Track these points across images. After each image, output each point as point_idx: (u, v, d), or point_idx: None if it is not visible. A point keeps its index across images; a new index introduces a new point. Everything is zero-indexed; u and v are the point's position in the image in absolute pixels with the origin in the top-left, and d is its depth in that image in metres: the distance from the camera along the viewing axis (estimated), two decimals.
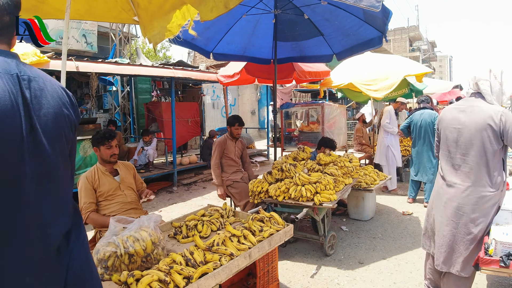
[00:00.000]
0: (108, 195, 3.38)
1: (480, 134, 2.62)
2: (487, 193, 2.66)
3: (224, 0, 2.45)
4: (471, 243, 2.70)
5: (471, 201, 2.68)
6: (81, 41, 11.60)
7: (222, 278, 2.28)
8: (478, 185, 2.67)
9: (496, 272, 2.99)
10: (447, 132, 2.82)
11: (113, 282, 2.16)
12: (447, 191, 2.81)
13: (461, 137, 2.73)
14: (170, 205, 6.89)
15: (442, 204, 2.83)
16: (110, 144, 3.39)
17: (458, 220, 2.73)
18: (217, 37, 5.56)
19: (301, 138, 7.71)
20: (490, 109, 2.63)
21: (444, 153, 2.88)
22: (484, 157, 2.64)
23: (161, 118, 8.93)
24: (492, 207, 2.68)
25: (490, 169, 2.65)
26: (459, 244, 2.73)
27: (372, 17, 4.33)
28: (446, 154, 2.84)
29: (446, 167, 2.85)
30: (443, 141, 2.88)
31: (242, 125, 5.09)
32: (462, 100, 2.85)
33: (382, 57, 7.43)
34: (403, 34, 44.19)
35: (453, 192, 2.76)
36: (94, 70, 6.52)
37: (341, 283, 3.65)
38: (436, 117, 6.00)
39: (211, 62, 15.53)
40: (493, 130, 2.58)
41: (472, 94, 2.80)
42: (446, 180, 2.83)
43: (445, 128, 2.86)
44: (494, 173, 2.65)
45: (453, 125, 2.79)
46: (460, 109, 2.78)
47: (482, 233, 2.70)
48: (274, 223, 3.10)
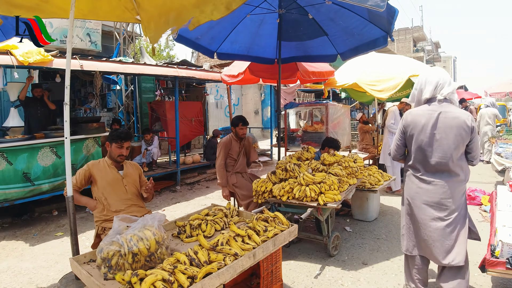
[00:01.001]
0: (109, 186, 3.46)
1: (456, 136, 2.85)
2: (461, 185, 2.95)
3: (226, 2, 2.44)
4: (458, 232, 2.90)
5: (451, 195, 2.90)
6: (85, 40, 11.62)
7: (226, 278, 2.26)
8: (455, 180, 2.92)
9: (503, 274, 2.97)
10: (422, 136, 2.94)
11: (117, 281, 2.15)
12: (427, 189, 2.97)
13: (438, 139, 2.89)
14: (173, 204, 6.88)
15: (423, 203, 2.98)
16: (122, 144, 3.49)
17: (443, 214, 2.91)
18: (221, 37, 5.55)
19: (305, 138, 7.69)
20: (463, 114, 2.89)
21: (418, 155, 3.00)
22: (458, 155, 2.89)
23: (164, 117, 8.94)
24: (464, 195, 3.00)
25: (463, 164, 2.94)
26: (450, 237, 2.89)
27: (377, 17, 4.30)
28: (421, 155, 2.98)
29: (422, 167, 3.00)
30: (417, 143, 2.98)
31: (246, 125, 5.06)
32: (432, 106, 2.96)
33: (387, 57, 7.39)
34: (407, 35, 44.00)
35: (433, 189, 2.94)
36: (98, 68, 6.52)
37: (345, 284, 3.63)
38: None
39: (215, 62, 15.55)
40: (466, 132, 2.85)
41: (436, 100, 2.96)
42: (424, 179, 2.99)
43: (419, 132, 2.96)
44: (465, 167, 2.96)
45: (428, 129, 2.91)
46: (431, 114, 2.92)
47: (466, 219, 2.98)
48: (279, 223, 3.08)
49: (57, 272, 4.02)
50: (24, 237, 5.14)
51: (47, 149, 5.66)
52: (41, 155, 5.59)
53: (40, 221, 5.82)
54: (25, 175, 5.39)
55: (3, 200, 5.21)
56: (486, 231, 4.91)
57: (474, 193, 6.37)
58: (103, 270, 2.29)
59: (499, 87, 14.88)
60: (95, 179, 3.46)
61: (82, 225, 5.44)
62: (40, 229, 5.44)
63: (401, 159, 3.24)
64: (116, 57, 10.85)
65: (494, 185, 7.45)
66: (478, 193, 6.38)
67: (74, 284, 3.21)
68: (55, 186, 5.81)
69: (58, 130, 5.97)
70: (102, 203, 3.45)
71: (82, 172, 3.44)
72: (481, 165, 10.50)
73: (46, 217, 5.99)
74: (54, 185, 5.78)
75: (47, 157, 5.67)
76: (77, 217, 3.38)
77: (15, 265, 4.23)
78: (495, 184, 7.59)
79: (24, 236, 5.16)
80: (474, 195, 6.33)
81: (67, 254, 4.46)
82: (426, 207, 2.96)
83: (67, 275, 3.47)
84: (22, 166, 5.37)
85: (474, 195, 6.33)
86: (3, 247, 4.79)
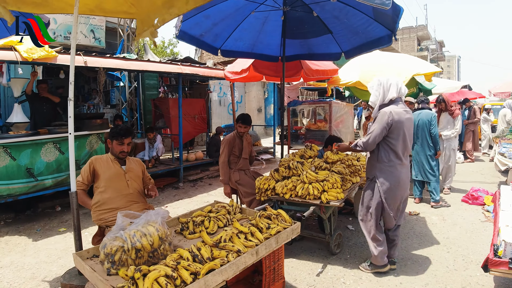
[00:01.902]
0: (111, 180, 3.48)
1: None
2: None
3: None
4: None
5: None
6: (89, 36, 11.62)
7: (229, 274, 2.27)
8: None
9: (505, 274, 2.97)
10: (405, 129, 3.56)
11: (120, 276, 2.15)
12: (405, 170, 3.68)
13: (411, 131, 3.71)
14: (176, 201, 6.90)
15: (404, 181, 3.67)
16: (122, 141, 3.51)
17: (408, 187, 3.79)
18: (225, 34, 5.55)
19: (308, 136, 7.67)
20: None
21: (400, 143, 3.58)
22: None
23: (168, 114, 8.94)
24: None
25: None
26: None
27: (382, 15, 4.28)
28: (402, 144, 3.59)
29: (401, 153, 3.61)
30: (402, 135, 3.56)
31: (246, 124, 5.00)
32: (402, 104, 3.66)
33: (391, 55, 7.35)
34: (411, 34, 43.85)
35: (406, 170, 3.72)
36: (102, 65, 6.52)
37: (347, 282, 3.63)
38: (433, 117, 6.02)
39: (219, 59, 15.52)
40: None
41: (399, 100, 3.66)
42: (403, 163, 3.65)
43: (404, 127, 3.55)
44: None
45: (408, 123, 3.60)
46: (407, 112, 3.61)
47: None
48: (281, 221, 3.08)
49: (60, 267, 4.04)
50: (27, 232, 5.17)
51: (50, 145, 5.68)
52: (44, 151, 5.61)
53: (43, 216, 5.84)
54: (28, 170, 5.41)
55: (6, 196, 5.23)
56: (489, 231, 4.90)
57: (477, 193, 6.34)
58: (106, 265, 2.30)
59: (504, 86, 14.79)
60: (98, 173, 3.47)
61: (85, 221, 5.45)
62: (43, 225, 5.46)
63: (372, 148, 3.72)
64: (120, 53, 10.84)
65: (497, 185, 7.42)
66: (481, 193, 6.35)
67: (77, 279, 3.23)
68: (58, 182, 5.83)
69: (61, 126, 5.99)
70: (99, 199, 3.46)
71: (86, 168, 3.46)
72: (484, 165, 10.47)
73: (49, 213, 6.02)
74: (57, 180, 5.80)
75: (51, 153, 5.69)
76: (81, 213, 3.39)
77: (18, 260, 4.25)
78: (498, 184, 7.56)
79: (27, 232, 5.19)
80: (477, 195, 6.30)
81: (70, 249, 4.48)
82: (406, 183, 3.71)
83: (70, 270, 3.49)
84: (26, 162, 5.39)
85: (477, 195, 6.31)
86: (6, 242, 4.81)
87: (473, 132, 11.19)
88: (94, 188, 3.53)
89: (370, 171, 3.80)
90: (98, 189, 3.48)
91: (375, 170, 3.71)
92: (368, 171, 3.86)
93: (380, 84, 3.65)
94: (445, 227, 5.17)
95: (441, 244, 4.58)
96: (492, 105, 14.75)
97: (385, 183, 3.62)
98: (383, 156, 3.64)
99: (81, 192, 3.41)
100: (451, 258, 4.16)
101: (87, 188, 3.50)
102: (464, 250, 4.36)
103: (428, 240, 4.72)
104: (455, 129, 6.87)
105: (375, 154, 3.71)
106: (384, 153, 3.63)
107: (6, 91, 9.06)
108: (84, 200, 3.44)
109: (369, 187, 3.78)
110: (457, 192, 7.09)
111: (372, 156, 3.76)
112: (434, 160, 6.15)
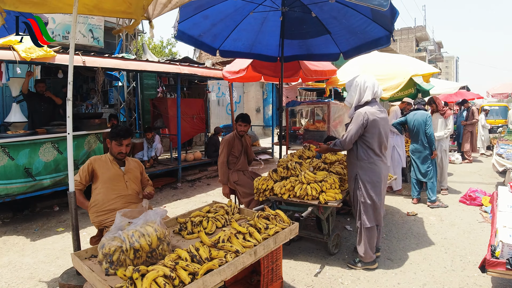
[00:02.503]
0: (110, 181, 3.47)
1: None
2: None
3: None
4: None
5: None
6: (87, 36, 11.60)
7: (227, 274, 2.27)
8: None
9: (503, 275, 2.98)
10: (380, 127, 3.74)
11: (119, 276, 2.15)
12: (385, 167, 3.88)
13: (387, 129, 3.88)
14: (174, 201, 6.90)
15: (385, 176, 3.90)
16: (121, 142, 3.50)
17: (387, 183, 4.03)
18: (224, 34, 5.54)
19: (306, 137, 7.68)
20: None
21: (376, 141, 3.75)
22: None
23: (166, 114, 8.94)
24: None
25: None
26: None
27: (380, 16, 4.29)
28: (378, 141, 3.76)
29: (378, 150, 3.78)
30: (377, 133, 3.73)
31: (246, 122, 5.02)
32: (377, 105, 3.84)
33: (389, 56, 7.38)
34: (409, 34, 43.85)
35: (386, 167, 3.91)
36: (100, 65, 6.51)
37: (345, 282, 3.64)
38: (428, 117, 6.06)
39: (217, 59, 15.51)
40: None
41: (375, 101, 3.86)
42: (382, 159, 3.83)
43: (379, 125, 3.73)
44: None
45: (383, 122, 3.77)
46: (381, 112, 3.79)
47: None
48: (280, 221, 3.09)
49: (58, 268, 4.03)
50: (25, 232, 5.16)
51: (48, 145, 5.67)
52: (42, 151, 5.60)
53: (41, 216, 5.84)
54: (26, 170, 5.40)
55: (4, 195, 5.23)
56: (486, 231, 4.92)
57: (475, 194, 6.36)
58: (105, 265, 2.30)
59: (502, 87, 14.81)
60: (97, 174, 3.46)
61: (83, 221, 5.44)
62: (41, 225, 5.46)
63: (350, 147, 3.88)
64: (118, 53, 10.83)
65: (495, 186, 7.45)
66: (479, 193, 6.37)
67: (75, 279, 3.23)
68: (57, 182, 5.82)
69: (59, 126, 5.98)
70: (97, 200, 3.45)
71: (85, 168, 3.45)
72: (481, 165, 10.50)
73: (47, 213, 6.01)
74: (55, 180, 5.79)
75: (49, 152, 5.68)
76: (79, 213, 3.39)
77: (16, 260, 4.25)
78: (496, 185, 7.59)
79: (25, 231, 5.18)
80: (475, 196, 6.32)
81: (68, 249, 4.47)
82: (386, 179, 3.95)
83: (68, 270, 3.49)
84: (24, 161, 5.38)
85: (475, 196, 6.32)
86: (4, 242, 4.80)
87: (471, 133, 11.23)
88: (92, 189, 3.52)
89: (351, 169, 3.95)
90: (96, 190, 3.47)
91: (356, 168, 3.86)
92: (349, 170, 4.01)
93: (357, 85, 3.83)
94: (443, 228, 5.18)
95: (439, 244, 4.60)
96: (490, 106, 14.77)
97: (368, 180, 3.78)
98: (362, 154, 3.81)
99: (78, 192, 3.40)
100: (449, 258, 4.18)
101: (84, 188, 3.49)
102: (461, 251, 4.38)
103: (426, 240, 4.73)
104: (448, 129, 6.92)
105: (354, 152, 3.88)
106: (362, 151, 3.81)
107: (4, 90, 9.04)
108: (81, 200, 3.43)
109: (355, 187, 3.89)
110: (455, 193, 7.11)
111: (351, 154, 3.93)
112: (430, 160, 6.18)
